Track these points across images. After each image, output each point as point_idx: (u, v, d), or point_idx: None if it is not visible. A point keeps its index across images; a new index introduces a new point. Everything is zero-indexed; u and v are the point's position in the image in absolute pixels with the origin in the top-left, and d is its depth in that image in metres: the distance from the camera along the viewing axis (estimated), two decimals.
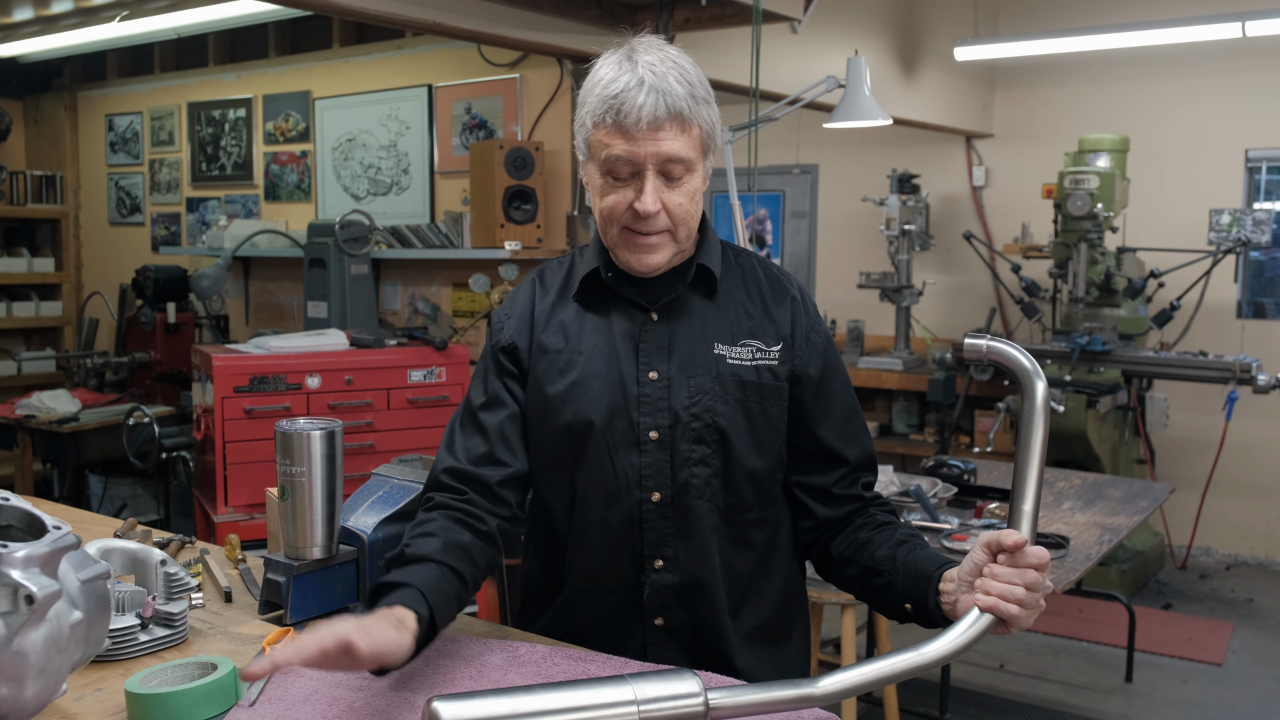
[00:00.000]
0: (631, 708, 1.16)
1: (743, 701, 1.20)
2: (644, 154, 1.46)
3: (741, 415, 1.55)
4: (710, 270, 1.58)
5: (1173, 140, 6.02)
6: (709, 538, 1.55)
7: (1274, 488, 5.86)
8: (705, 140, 1.51)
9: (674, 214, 1.50)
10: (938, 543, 2.97)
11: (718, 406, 1.54)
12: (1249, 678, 4.24)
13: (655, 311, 1.58)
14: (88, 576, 1.24)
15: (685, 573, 1.55)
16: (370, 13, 3.25)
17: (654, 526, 1.54)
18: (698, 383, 1.54)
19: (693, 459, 1.54)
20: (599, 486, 1.55)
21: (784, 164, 7.25)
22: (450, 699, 1.13)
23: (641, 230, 1.50)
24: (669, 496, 1.54)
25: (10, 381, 5.87)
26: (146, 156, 6.07)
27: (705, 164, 1.54)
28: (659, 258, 1.53)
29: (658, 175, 1.48)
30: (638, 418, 1.54)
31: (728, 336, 1.57)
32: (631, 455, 1.54)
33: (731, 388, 1.55)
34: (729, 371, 1.55)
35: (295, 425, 1.61)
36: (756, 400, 1.56)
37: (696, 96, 1.48)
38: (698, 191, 1.53)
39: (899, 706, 3.38)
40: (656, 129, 1.45)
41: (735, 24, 3.92)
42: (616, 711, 1.15)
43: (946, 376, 5.73)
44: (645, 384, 1.54)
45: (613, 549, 1.56)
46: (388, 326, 4.63)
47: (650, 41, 1.53)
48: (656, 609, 1.56)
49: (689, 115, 1.46)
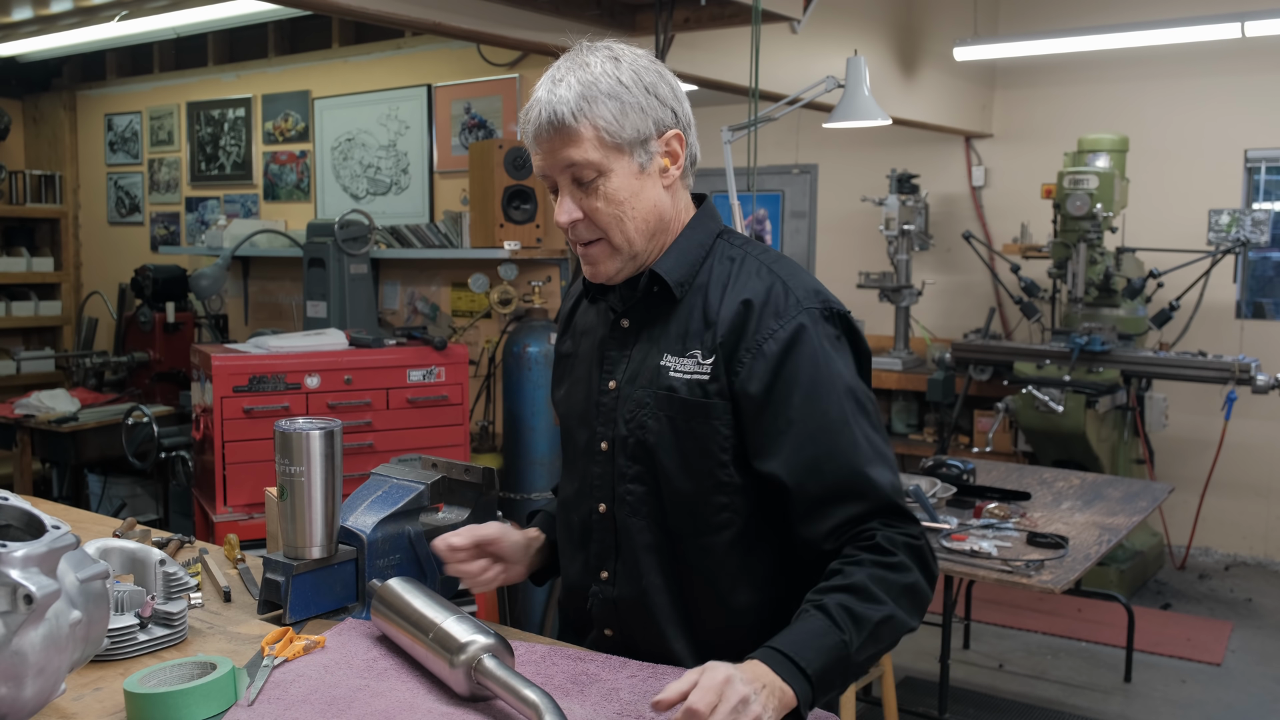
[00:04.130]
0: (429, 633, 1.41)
1: (500, 676, 1.32)
2: (549, 165, 1.44)
3: (670, 433, 1.45)
4: (662, 277, 1.48)
5: (1172, 140, 6.02)
6: (643, 556, 1.50)
7: (1273, 488, 5.86)
8: (613, 137, 1.40)
9: (597, 220, 1.44)
10: (937, 542, 2.97)
11: (649, 423, 1.47)
12: (1248, 678, 4.24)
13: (625, 317, 1.55)
14: (86, 576, 1.24)
15: (623, 588, 1.52)
16: (370, 12, 3.25)
17: (599, 538, 1.55)
18: (638, 395, 1.49)
19: (628, 475, 1.50)
20: (569, 491, 1.60)
21: (783, 164, 7.25)
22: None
23: (579, 241, 1.48)
24: (610, 510, 1.53)
25: (9, 381, 5.87)
26: (146, 156, 6.07)
27: (630, 159, 1.42)
28: (605, 268, 1.48)
29: (573, 184, 1.43)
30: (596, 427, 1.54)
31: (679, 346, 1.47)
32: (591, 464, 1.55)
33: (663, 403, 1.46)
34: (665, 385, 1.46)
35: (294, 425, 1.61)
36: (684, 419, 1.44)
37: (587, 95, 1.39)
38: (622, 190, 1.42)
39: (898, 706, 3.38)
40: (549, 138, 1.42)
41: (735, 24, 3.92)
42: (426, 630, 1.42)
43: (946, 376, 5.73)
44: (605, 393, 1.53)
45: (573, 554, 1.59)
46: (387, 326, 4.63)
47: (587, 46, 1.45)
48: (603, 620, 1.56)
49: (574, 119, 1.39)
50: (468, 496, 1.80)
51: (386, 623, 1.51)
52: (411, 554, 1.73)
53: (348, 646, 1.53)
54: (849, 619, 1.29)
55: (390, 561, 1.70)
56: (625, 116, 1.40)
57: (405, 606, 1.48)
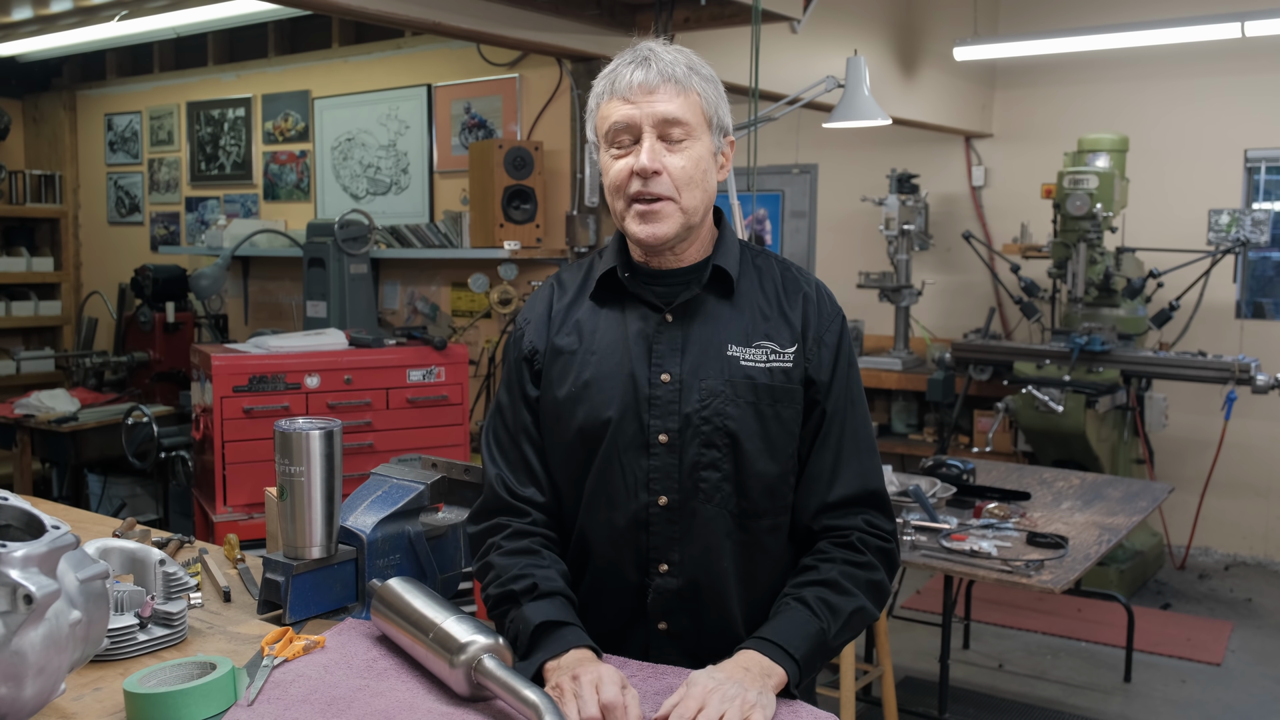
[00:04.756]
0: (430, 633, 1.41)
1: (500, 676, 1.32)
2: (640, 115, 1.49)
3: (754, 418, 1.53)
4: (726, 271, 1.57)
5: (1172, 140, 6.02)
6: (719, 542, 1.53)
7: (1273, 488, 5.86)
8: (707, 111, 1.52)
9: (675, 177, 1.50)
10: (937, 542, 2.97)
11: (729, 409, 1.52)
12: (1248, 678, 4.24)
13: (670, 313, 1.56)
14: (86, 576, 1.24)
15: (689, 577, 1.54)
16: (370, 12, 3.25)
17: (660, 530, 1.53)
18: (709, 385, 1.53)
19: (703, 463, 1.52)
20: (606, 488, 1.54)
21: (783, 164, 7.25)
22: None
23: (645, 196, 1.50)
24: (676, 500, 1.53)
25: (9, 381, 5.87)
26: (145, 156, 6.07)
27: (712, 138, 1.54)
28: (665, 227, 1.51)
29: (657, 139, 1.50)
30: (648, 420, 1.53)
31: (742, 338, 1.55)
32: (640, 458, 1.53)
33: (744, 390, 1.53)
34: (742, 374, 1.53)
35: (294, 425, 1.61)
36: (769, 403, 1.54)
37: (695, 70, 1.52)
38: (702, 160, 1.52)
39: (898, 706, 3.38)
40: (650, 90, 1.49)
41: (735, 24, 3.92)
42: (426, 630, 1.42)
43: (945, 376, 5.73)
44: (657, 386, 1.54)
45: (618, 551, 1.55)
46: (387, 326, 4.63)
47: (658, 38, 1.57)
48: (660, 613, 1.55)
49: (684, 80, 1.50)
50: (468, 496, 1.80)
51: (386, 623, 1.51)
52: (411, 554, 1.73)
53: (348, 646, 1.53)
54: (826, 609, 1.47)
55: (390, 561, 1.70)
56: (720, 102, 1.55)
57: (405, 606, 1.48)
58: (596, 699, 1.28)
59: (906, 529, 3.03)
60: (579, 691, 1.30)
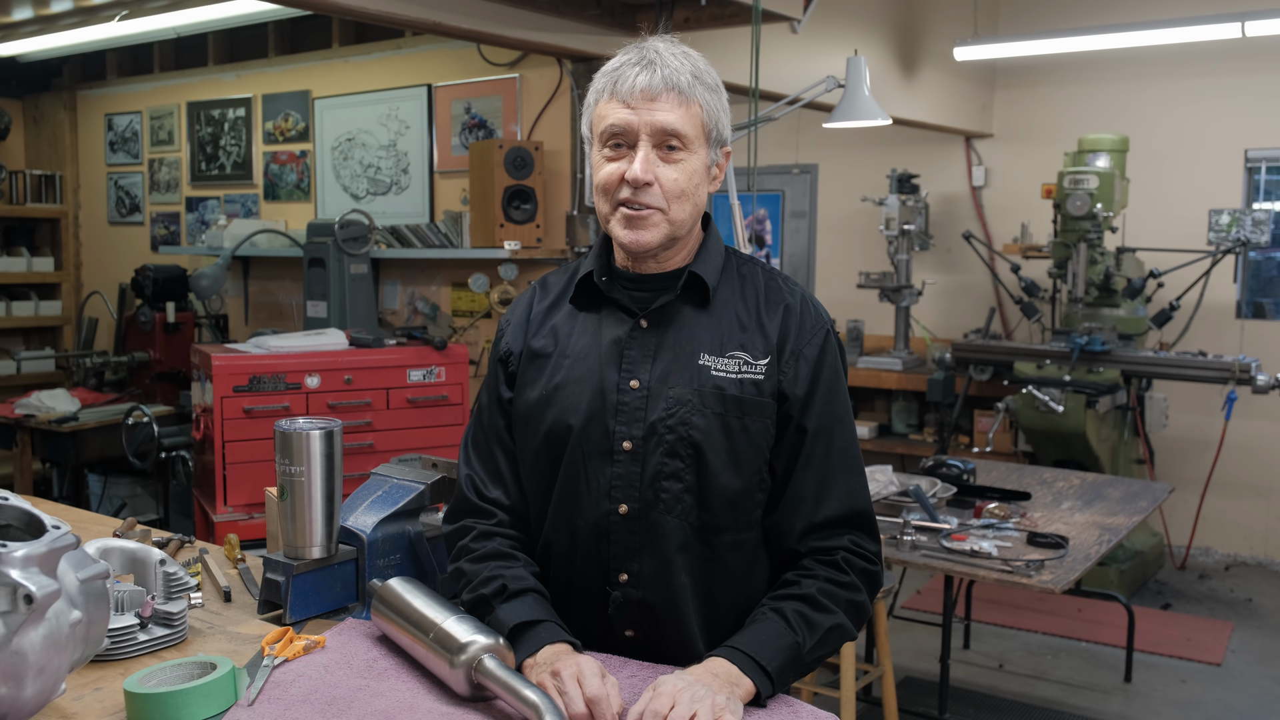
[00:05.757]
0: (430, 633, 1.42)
1: (500, 676, 1.32)
2: (638, 122, 1.46)
3: (720, 430, 1.48)
4: (702, 279, 1.54)
5: (1172, 140, 6.02)
6: (674, 555, 1.50)
7: (1273, 488, 5.86)
8: (707, 124, 1.49)
9: (667, 189, 1.47)
10: (937, 542, 2.97)
11: (694, 419, 1.48)
12: (1248, 678, 4.24)
13: (645, 318, 1.54)
14: (87, 576, 1.24)
15: (649, 589, 1.51)
16: (370, 12, 3.25)
17: (619, 540, 1.51)
18: (677, 394, 1.49)
19: (665, 472, 1.49)
20: (571, 494, 1.53)
21: (783, 164, 7.25)
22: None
23: (634, 203, 1.48)
24: (636, 510, 1.50)
25: (9, 381, 5.87)
26: (146, 156, 6.07)
27: (708, 151, 1.51)
28: (650, 235, 1.49)
29: (653, 148, 1.47)
30: (614, 426, 1.51)
31: (715, 347, 1.52)
32: (605, 464, 1.51)
33: (712, 401, 1.49)
34: (711, 384, 1.49)
35: (294, 425, 1.61)
36: (737, 415, 1.49)
37: (700, 79, 1.48)
38: (695, 174, 1.49)
39: (898, 706, 3.38)
40: (652, 98, 1.46)
41: (735, 24, 3.92)
42: (426, 630, 1.43)
43: (946, 376, 5.73)
44: (625, 392, 1.51)
45: (583, 559, 1.53)
46: (387, 326, 4.63)
47: (665, 38, 1.53)
48: (625, 622, 1.53)
49: (687, 90, 1.46)
50: None
51: (386, 623, 1.51)
52: (411, 554, 1.73)
53: (348, 646, 1.53)
54: (803, 623, 1.45)
55: (390, 561, 1.70)
56: (720, 114, 1.51)
57: (405, 606, 1.47)
58: (581, 693, 1.29)
59: (907, 529, 3.03)
60: (562, 688, 1.31)
